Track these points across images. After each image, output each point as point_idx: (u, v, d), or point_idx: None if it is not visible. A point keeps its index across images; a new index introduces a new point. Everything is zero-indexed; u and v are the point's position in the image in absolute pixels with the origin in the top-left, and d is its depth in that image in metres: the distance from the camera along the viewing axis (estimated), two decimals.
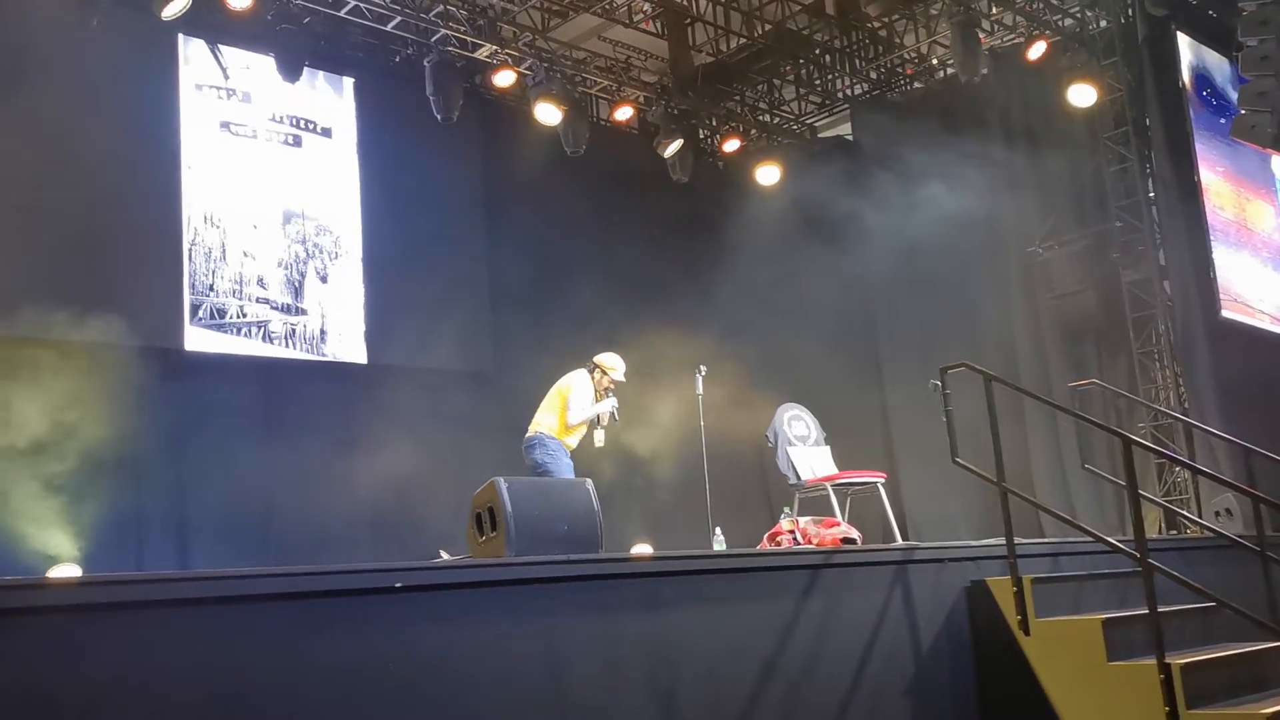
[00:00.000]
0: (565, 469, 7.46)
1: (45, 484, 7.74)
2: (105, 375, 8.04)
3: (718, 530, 7.59)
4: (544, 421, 7.63)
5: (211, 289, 9.54)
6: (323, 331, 10.17)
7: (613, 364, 7.76)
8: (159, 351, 8.97)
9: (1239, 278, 10.11)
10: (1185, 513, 8.91)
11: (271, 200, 10.04)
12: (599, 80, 11.61)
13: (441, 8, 10.07)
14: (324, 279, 10.28)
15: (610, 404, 7.65)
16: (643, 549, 7.78)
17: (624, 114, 11.82)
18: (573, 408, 7.54)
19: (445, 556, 7.19)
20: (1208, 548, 6.95)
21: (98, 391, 7.98)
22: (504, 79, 10.67)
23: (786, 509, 7.98)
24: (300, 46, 9.65)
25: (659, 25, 11.32)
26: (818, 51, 12.12)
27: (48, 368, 7.91)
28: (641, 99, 11.81)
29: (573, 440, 7.71)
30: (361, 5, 9.78)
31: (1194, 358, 9.80)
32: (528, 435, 7.62)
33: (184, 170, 9.51)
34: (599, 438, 7.65)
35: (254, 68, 9.96)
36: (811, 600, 4.98)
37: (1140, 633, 4.98)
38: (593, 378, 7.71)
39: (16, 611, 3.11)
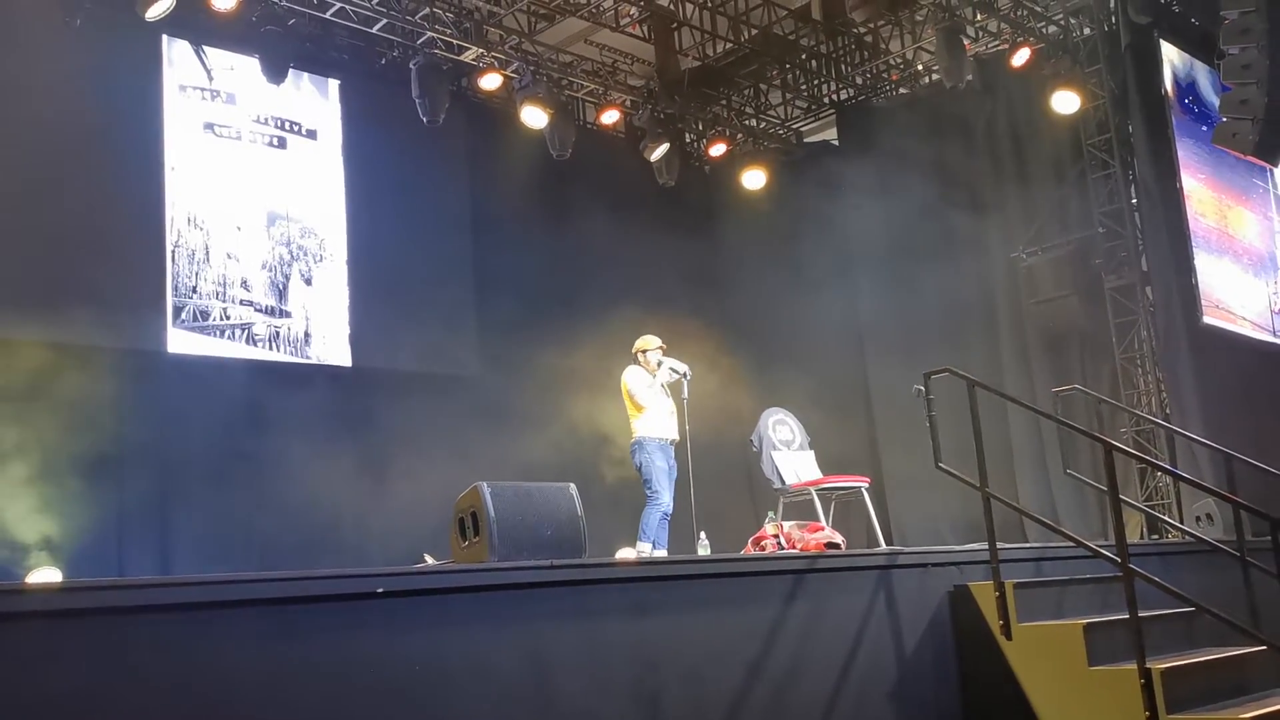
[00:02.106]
0: (659, 471, 7.77)
1: (26, 487, 7.69)
2: (86, 378, 8.00)
3: (702, 535, 7.59)
4: (632, 425, 7.98)
5: (194, 291, 9.50)
6: (307, 334, 10.14)
7: (645, 342, 8.12)
8: (141, 354, 8.93)
9: (1220, 284, 10.17)
10: (1166, 518, 8.96)
11: (255, 202, 10.01)
12: (585, 84, 11.61)
13: (427, 10, 10.05)
14: (308, 281, 10.25)
15: (666, 370, 7.94)
16: (627, 553, 7.77)
17: (610, 117, 11.82)
18: (636, 394, 7.90)
19: (429, 561, 7.18)
20: (1189, 552, 7.00)
21: (79, 394, 7.94)
22: (490, 82, 10.67)
23: (771, 513, 7.99)
24: (285, 48, 9.62)
25: (645, 29, 11.32)
26: (804, 56, 12.15)
27: (28, 370, 7.86)
28: (628, 103, 11.82)
29: (668, 429, 7.91)
30: (347, 7, 9.76)
31: (1176, 364, 9.85)
32: (630, 443, 7.97)
33: (167, 172, 9.47)
34: (685, 389, 7.91)
35: (238, 69, 9.92)
36: (795, 605, 4.98)
37: (1121, 637, 5.00)
38: (639, 363, 8.06)
39: None
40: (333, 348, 10.29)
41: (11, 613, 3.12)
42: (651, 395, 7.89)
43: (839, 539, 7.32)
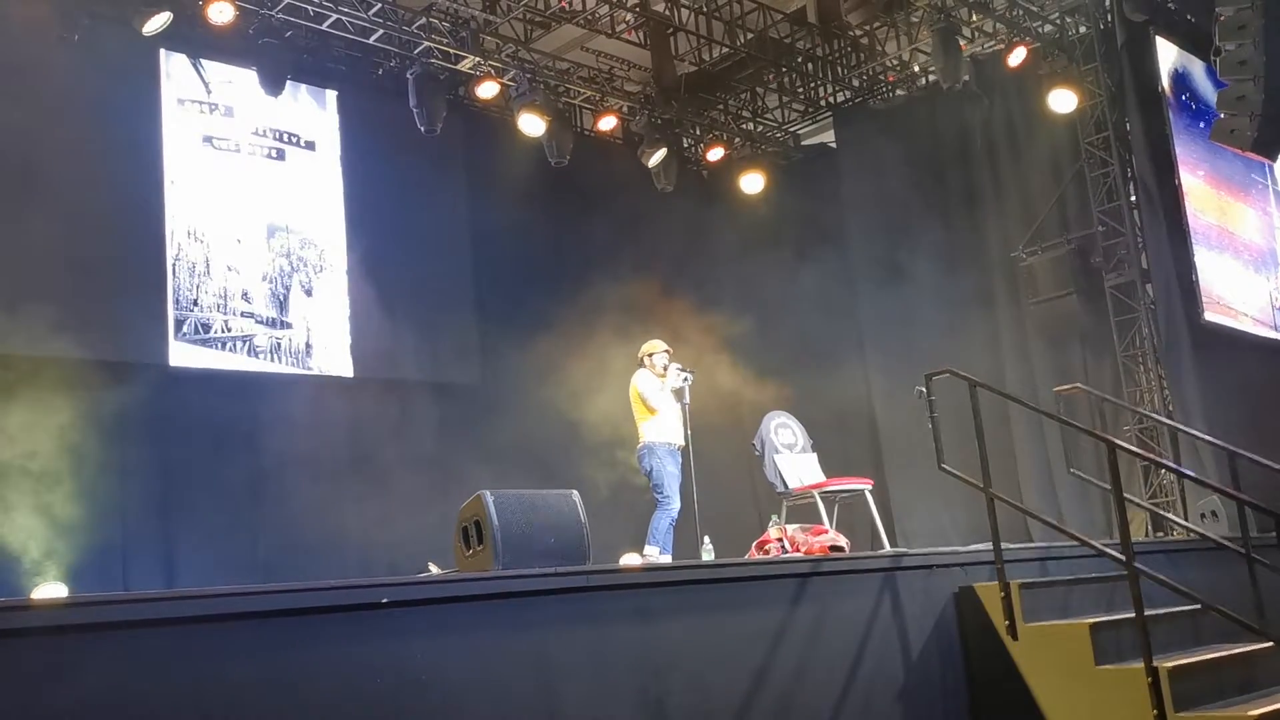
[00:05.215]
0: (669, 476, 7.80)
1: (29, 502, 7.70)
2: (89, 392, 8.01)
3: (706, 539, 7.58)
4: (640, 430, 8.00)
5: (195, 304, 9.51)
6: (308, 345, 10.14)
7: (651, 346, 8.18)
8: (143, 367, 8.94)
9: (1221, 280, 10.16)
10: (1171, 515, 8.94)
11: (255, 214, 10.02)
12: (582, 91, 11.62)
13: (424, 20, 10.07)
14: (309, 292, 10.25)
15: (675, 373, 7.96)
16: (632, 559, 7.76)
17: (608, 124, 11.84)
18: (648, 398, 7.93)
19: (434, 570, 7.18)
20: (1194, 550, 6.98)
21: (81, 408, 7.94)
22: (487, 90, 10.68)
23: (775, 517, 7.97)
24: (282, 60, 9.64)
25: (641, 35, 11.33)
26: (800, 60, 12.16)
27: (30, 385, 7.87)
28: (625, 109, 11.83)
29: (677, 434, 7.92)
30: (344, 19, 9.78)
31: (1178, 361, 9.84)
32: (637, 448, 8.00)
33: (167, 185, 9.49)
34: (686, 393, 7.93)
35: (236, 82, 9.94)
36: (801, 608, 4.98)
37: (1128, 636, 5.00)
38: (647, 367, 8.08)
39: (3, 633, 3.09)
40: (334, 358, 10.29)
41: (18, 629, 3.12)
42: (663, 399, 7.92)
43: (843, 541, 7.32)
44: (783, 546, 7.27)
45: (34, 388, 7.88)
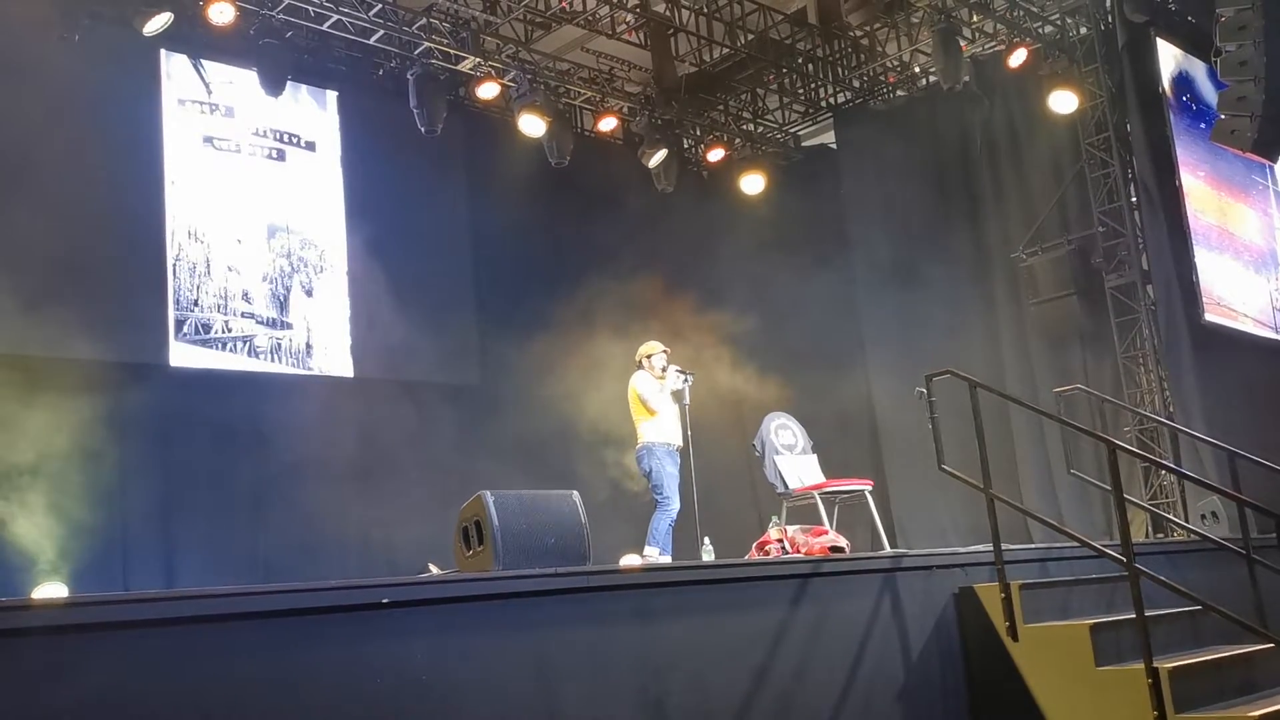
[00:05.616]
0: (669, 478, 7.80)
1: (30, 502, 7.70)
2: (89, 392, 8.01)
3: (706, 540, 7.59)
4: (639, 431, 8.00)
5: (196, 304, 9.51)
6: (308, 345, 10.14)
7: (650, 348, 8.19)
8: (143, 368, 8.94)
9: (1221, 281, 10.16)
10: (1171, 516, 8.95)
11: (255, 214, 10.02)
12: (582, 91, 11.62)
13: (424, 21, 10.07)
14: (309, 293, 10.26)
15: (674, 375, 7.98)
16: (632, 560, 7.77)
17: (608, 125, 11.85)
18: (648, 399, 7.93)
19: (434, 570, 7.19)
20: (1194, 551, 6.99)
21: (82, 408, 7.94)
22: (487, 91, 10.68)
23: (775, 518, 7.97)
24: (283, 61, 9.63)
25: (642, 36, 11.33)
26: (800, 60, 12.16)
27: (31, 385, 7.86)
28: (625, 109, 11.83)
29: (676, 434, 7.93)
30: (344, 19, 9.78)
31: (1178, 362, 9.85)
32: (636, 449, 8.00)
33: (167, 185, 9.49)
34: (686, 394, 7.97)
35: (237, 82, 9.94)
36: (801, 609, 4.98)
37: (1128, 637, 5.00)
38: (645, 369, 8.09)
39: (4, 632, 3.09)
40: (334, 359, 10.29)
41: (18, 628, 3.12)
42: (662, 400, 7.93)
43: (843, 542, 7.32)
44: (783, 547, 7.27)
45: (33, 388, 7.87)
